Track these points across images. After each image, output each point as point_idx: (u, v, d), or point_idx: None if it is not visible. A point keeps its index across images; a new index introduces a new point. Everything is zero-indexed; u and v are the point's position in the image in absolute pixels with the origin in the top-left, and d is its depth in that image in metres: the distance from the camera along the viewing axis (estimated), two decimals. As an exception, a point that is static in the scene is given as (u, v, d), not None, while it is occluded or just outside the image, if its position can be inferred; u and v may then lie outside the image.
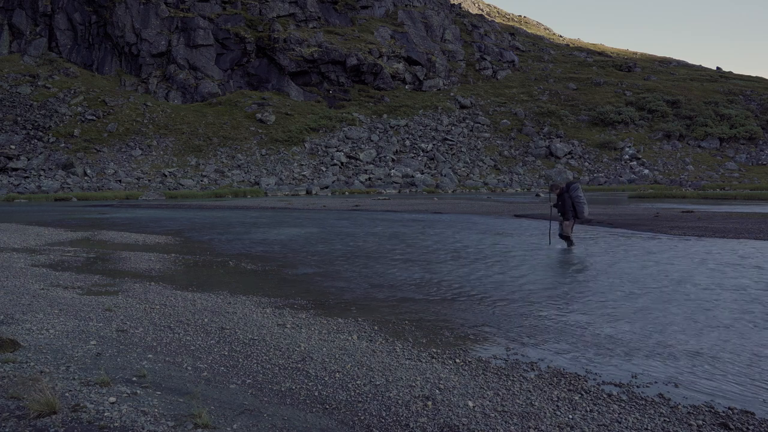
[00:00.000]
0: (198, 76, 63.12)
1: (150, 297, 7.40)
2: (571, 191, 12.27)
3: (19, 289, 7.54)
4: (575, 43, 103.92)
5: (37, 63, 63.31)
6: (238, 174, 49.86)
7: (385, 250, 12.44)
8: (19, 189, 42.38)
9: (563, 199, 12.23)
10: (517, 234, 15.56)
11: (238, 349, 5.17)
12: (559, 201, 12.34)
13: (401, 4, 77.29)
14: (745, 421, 3.85)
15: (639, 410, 4.00)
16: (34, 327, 5.48)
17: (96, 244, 13.55)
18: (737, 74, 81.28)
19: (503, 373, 4.69)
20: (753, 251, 11.63)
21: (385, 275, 9.30)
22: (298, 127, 57.86)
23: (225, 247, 13.10)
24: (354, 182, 49.01)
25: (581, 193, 12.30)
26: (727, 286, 8.18)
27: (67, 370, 4.11)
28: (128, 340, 5.26)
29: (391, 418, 3.77)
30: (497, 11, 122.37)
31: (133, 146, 53.52)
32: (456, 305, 7.21)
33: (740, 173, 54.57)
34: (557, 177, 54.41)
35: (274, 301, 7.35)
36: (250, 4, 68.82)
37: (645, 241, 13.69)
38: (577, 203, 12.18)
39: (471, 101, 67.27)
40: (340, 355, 5.05)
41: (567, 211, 12.21)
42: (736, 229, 15.67)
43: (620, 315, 6.61)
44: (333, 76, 65.95)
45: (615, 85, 71.31)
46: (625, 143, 60.25)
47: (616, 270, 9.57)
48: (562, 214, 12.35)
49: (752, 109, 64.70)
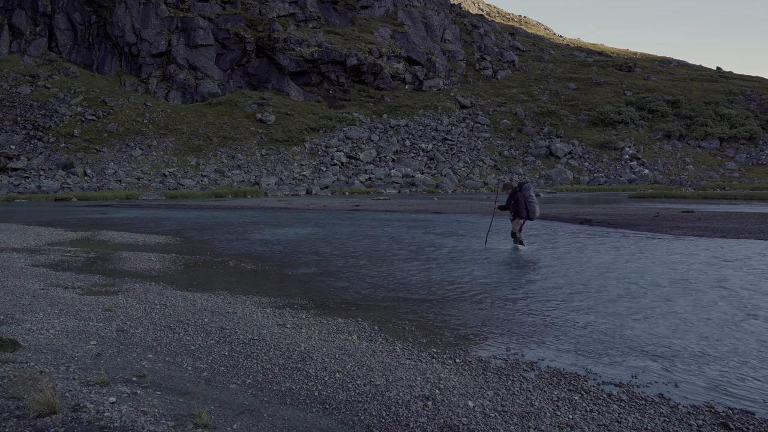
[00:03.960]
0: (198, 76, 63.11)
1: (150, 297, 7.39)
2: (524, 191, 12.24)
3: (19, 289, 7.54)
4: (575, 43, 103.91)
5: (37, 63, 63.31)
6: (238, 174, 49.86)
7: (385, 250, 12.44)
8: (19, 189, 42.37)
9: (516, 198, 12.22)
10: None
11: (238, 349, 5.17)
12: (512, 200, 12.33)
13: (401, 4, 77.29)
14: (745, 421, 3.85)
15: (639, 410, 4.00)
16: (34, 327, 5.48)
17: (96, 244, 13.55)
18: (737, 74, 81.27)
19: (503, 373, 4.69)
20: (752, 251, 11.63)
21: (385, 275, 9.30)
22: (298, 127, 57.85)
23: (225, 247, 13.10)
24: (354, 182, 49.01)
25: (533, 193, 12.29)
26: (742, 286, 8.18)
27: (67, 370, 4.11)
28: (128, 340, 5.26)
29: (391, 418, 3.77)
30: (497, 11, 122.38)
31: (133, 146, 53.51)
32: (456, 305, 7.21)
33: (740, 173, 54.57)
34: (557, 177, 54.43)
35: (274, 301, 7.35)
36: (250, 4, 68.82)
37: (645, 241, 13.68)
38: (529, 203, 12.16)
39: (471, 101, 67.26)
40: (340, 355, 5.05)
41: (520, 211, 12.17)
42: (735, 229, 15.67)
43: (620, 316, 6.61)
44: (333, 76, 65.94)
45: (615, 85, 71.31)
46: (625, 143, 60.25)
47: (616, 270, 9.56)
48: (514, 213, 12.31)
49: (752, 109, 64.69)
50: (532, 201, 12.22)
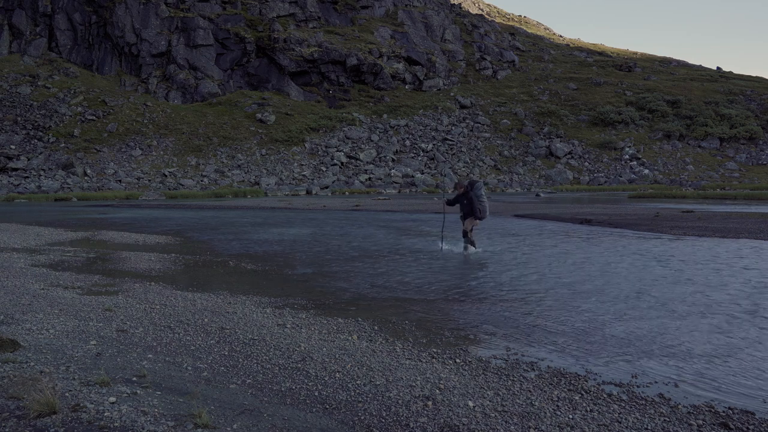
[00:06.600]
0: (198, 76, 63.12)
1: (150, 297, 7.39)
2: (475, 190, 12.00)
3: (19, 289, 7.54)
4: (575, 43, 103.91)
5: (37, 63, 63.31)
6: (238, 174, 49.86)
7: (386, 250, 12.44)
8: (19, 189, 42.37)
9: (469, 198, 11.93)
10: (518, 233, 15.55)
11: (238, 349, 5.17)
12: (464, 200, 12.02)
13: (401, 4, 77.29)
14: (745, 421, 3.85)
15: (639, 410, 4.00)
16: (34, 327, 5.48)
17: (96, 244, 13.55)
18: (737, 74, 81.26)
19: (503, 373, 4.69)
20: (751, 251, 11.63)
21: (385, 275, 9.30)
22: (298, 127, 57.85)
23: (225, 247, 13.10)
24: (354, 182, 49.01)
25: (483, 192, 12.07)
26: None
27: (67, 370, 4.11)
28: (128, 340, 5.26)
29: (391, 418, 3.77)
30: (497, 11, 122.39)
31: (133, 146, 53.51)
32: (456, 305, 7.21)
33: (740, 173, 54.57)
34: (557, 177, 54.43)
35: (274, 301, 7.35)
36: (250, 4, 68.82)
37: (646, 241, 13.68)
38: (480, 203, 11.94)
39: (471, 101, 67.26)
40: (340, 355, 5.04)
41: (474, 211, 11.90)
42: (735, 228, 15.68)
43: (621, 315, 6.61)
44: (333, 76, 65.94)
45: (615, 85, 71.32)
46: (625, 143, 60.25)
47: (617, 270, 9.56)
48: (466, 214, 12.03)
49: (752, 109, 64.69)
50: (483, 201, 11.98)
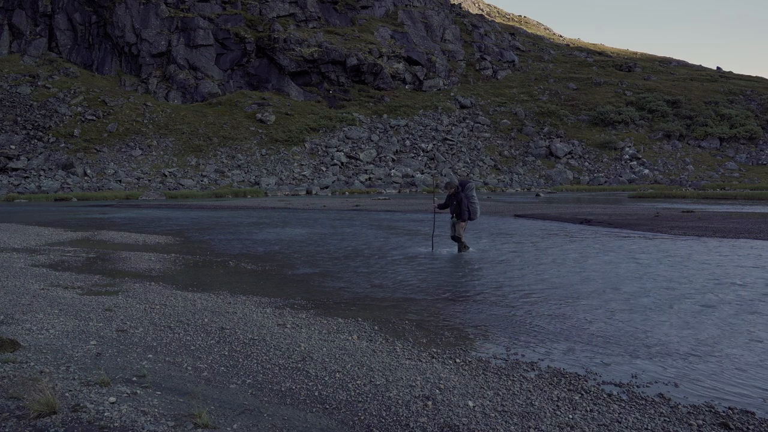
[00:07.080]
0: (198, 76, 63.11)
1: (150, 297, 7.39)
2: (466, 190, 11.60)
3: (19, 289, 7.54)
4: (575, 43, 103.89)
5: (37, 63, 63.31)
6: (238, 174, 49.85)
7: (386, 250, 12.44)
8: (19, 189, 42.37)
9: (459, 198, 11.50)
10: (519, 234, 15.55)
11: (238, 349, 5.17)
12: (454, 201, 11.57)
13: (401, 4, 77.27)
14: (745, 421, 3.85)
15: (639, 410, 4.00)
16: (34, 327, 5.48)
17: (96, 244, 13.55)
18: (737, 74, 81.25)
19: (503, 373, 4.69)
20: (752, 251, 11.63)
21: (385, 275, 9.30)
22: (298, 127, 57.84)
23: (225, 247, 13.10)
24: (354, 182, 49.01)
25: (475, 193, 11.70)
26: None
27: (67, 370, 4.11)
28: (128, 340, 5.26)
29: (391, 417, 3.77)
30: (497, 11, 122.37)
31: (133, 146, 53.50)
32: (456, 305, 7.21)
33: (740, 173, 54.56)
34: (557, 177, 54.42)
35: (274, 301, 7.35)
36: (250, 4, 68.81)
37: (646, 240, 13.68)
38: (471, 204, 11.55)
39: (471, 101, 67.25)
40: (340, 355, 5.05)
41: (463, 212, 11.46)
42: (735, 228, 15.68)
43: (621, 315, 6.61)
44: (333, 76, 65.93)
45: (615, 85, 71.29)
46: (625, 143, 60.25)
47: (617, 270, 9.56)
48: (457, 215, 11.59)
49: (752, 109, 64.69)
50: (474, 201, 11.65)
